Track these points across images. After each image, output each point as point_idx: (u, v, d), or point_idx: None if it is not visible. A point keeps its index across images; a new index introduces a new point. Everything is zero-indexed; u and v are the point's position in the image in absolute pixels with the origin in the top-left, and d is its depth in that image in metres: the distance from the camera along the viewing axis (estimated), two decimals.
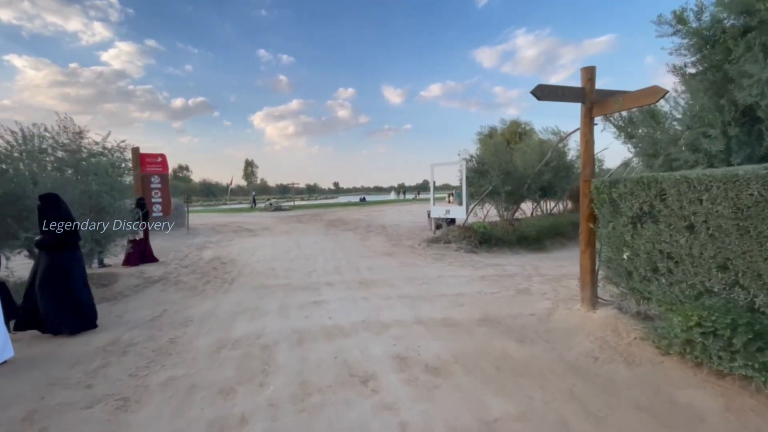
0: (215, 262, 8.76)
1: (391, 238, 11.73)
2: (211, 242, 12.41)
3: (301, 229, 15.76)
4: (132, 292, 6.23)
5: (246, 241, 12.25)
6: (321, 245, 10.81)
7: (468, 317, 4.53)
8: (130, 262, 8.37)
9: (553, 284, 5.96)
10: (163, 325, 4.75)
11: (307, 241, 11.65)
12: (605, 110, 4.15)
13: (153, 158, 13.84)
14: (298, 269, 7.64)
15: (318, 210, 30.29)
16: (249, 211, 30.53)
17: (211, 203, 56.01)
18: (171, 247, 11.38)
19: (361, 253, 9.23)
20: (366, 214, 24.01)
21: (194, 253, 10.15)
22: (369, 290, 5.93)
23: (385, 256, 8.81)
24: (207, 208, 40.67)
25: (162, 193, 13.91)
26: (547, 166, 11.98)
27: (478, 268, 7.31)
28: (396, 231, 13.80)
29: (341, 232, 14.27)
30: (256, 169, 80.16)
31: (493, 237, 9.44)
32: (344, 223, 18.14)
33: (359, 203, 39.02)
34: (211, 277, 7.20)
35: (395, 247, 9.94)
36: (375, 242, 11.11)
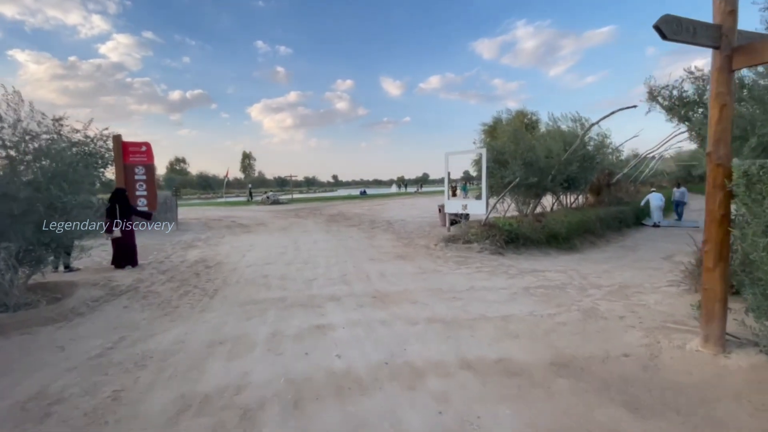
0: (199, 265, 7.40)
1: (401, 236, 10.39)
2: (199, 240, 11.04)
3: (300, 224, 14.40)
4: (88, 310, 4.87)
5: (238, 239, 10.88)
6: (322, 245, 9.46)
7: (534, 358, 3.20)
8: (115, 261, 7.08)
9: (623, 301, 4.64)
10: (112, 364, 3.40)
11: (307, 240, 10.30)
12: (756, 58, 2.76)
13: (137, 147, 12.40)
14: (296, 277, 6.30)
15: (317, 204, 28.90)
16: (246, 205, 29.11)
17: (208, 196, 54.53)
18: (154, 246, 10.00)
19: (370, 255, 7.89)
20: (368, 208, 22.65)
21: (178, 254, 8.78)
22: (386, 308, 4.60)
23: (398, 259, 7.47)
24: (203, 202, 39.21)
25: (147, 185, 12.48)
26: (574, 155, 10.62)
27: (513, 276, 5.98)
28: (404, 227, 12.46)
29: (344, 228, 12.91)
30: (253, 162, 78.47)
31: (521, 236, 8.11)
32: (346, 218, 16.78)
33: (360, 197, 37.64)
34: (191, 287, 5.84)
35: (408, 248, 8.60)
36: (383, 241, 9.76)
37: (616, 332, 3.68)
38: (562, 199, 13.31)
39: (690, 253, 9.09)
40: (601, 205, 14.01)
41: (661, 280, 5.94)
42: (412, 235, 10.60)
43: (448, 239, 8.73)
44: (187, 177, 71.47)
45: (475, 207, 9.60)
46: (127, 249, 7.15)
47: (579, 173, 11.19)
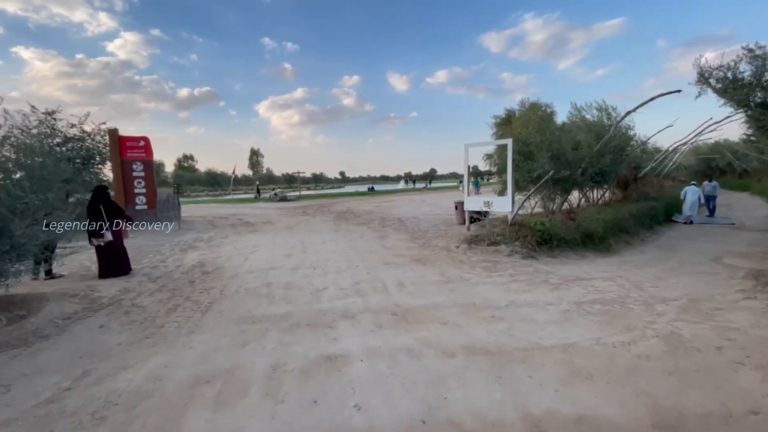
0: (196, 271, 6.61)
1: (415, 236, 9.50)
2: (201, 240, 10.27)
3: (307, 223, 13.58)
4: (55, 331, 4.08)
5: (242, 240, 10.09)
6: (331, 246, 8.61)
7: (626, 416, 2.31)
8: (103, 274, 6.25)
9: (707, 323, 3.71)
10: (63, 416, 2.58)
11: (314, 240, 9.46)
12: None
13: (134, 142, 11.66)
14: (303, 285, 5.45)
15: (325, 200, 28.10)
16: (253, 202, 28.44)
17: (216, 193, 54.13)
18: (151, 248, 9.26)
19: (384, 258, 7.03)
20: (377, 204, 21.79)
21: (175, 257, 8.01)
22: (411, 330, 3.74)
23: (417, 263, 6.59)
24: (211, 199, 38.72)
25: (146, 182, 11.75)
26: (606, 146, 9.62)
27: (557, 287, 5.07)
28: (417, 226, 11.57)
29: (353, 227, 12.06)
30: (261, 159, 77.95)
31: (554, 236, 7.17)
32: (355, 215, 15.93)
33: (368, 193, 36.79)
34: (182, 299, 5.04)
35: (425, 250, 7.71)
36: (396, 241, 8.88)
37: (723, 372, 2.77)
38: (588, 195, 12.31)
39: (740, 255, 8.10)
40: (629, 200, 12.98)
41: (729, 291, 4.99)
42: (428, 234, 9.70)
43: (470, 240, 7.82)
44: (195, 174, 71.21)
45: (499, 204, 8.66)
46: (114, 256, 6.34)
47: (611, 166, 10.19)
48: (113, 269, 6.27)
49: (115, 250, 6.31)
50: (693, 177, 26.72)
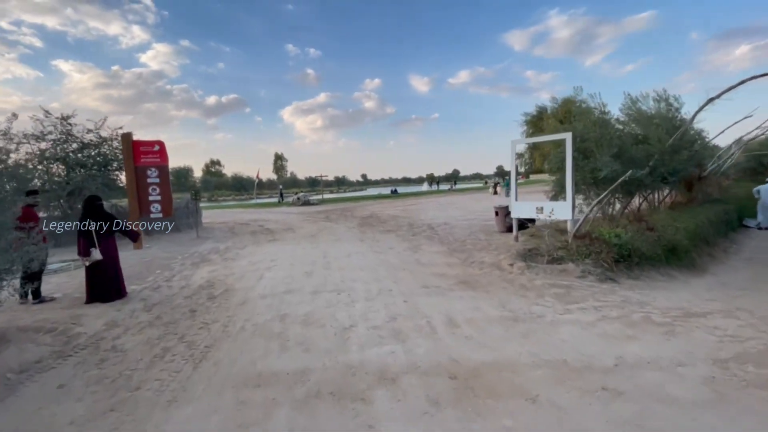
0: (202, 294, 5.54)
1: (453, 248, 8.17)
2: (216, 252, 9.31)
3: (330, 230, 12.47)
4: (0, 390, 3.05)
5: (260, 251, 9.06)
6: (357, 259, 7.41)
7: None
8: (90, 299, 5.28)
9: None
10: None
11: (338, 252, 8.29)
12: None
13: (149, 146, 10.87)
14: (325, 320, 4.26)
15: (348, 204, 27.08)
16: (276, 206, 27.77)
17: (242, 197, 54.37)
18: (162, 261, 8.34)
19: (422, 279, 5.76)
20: (402, 208, 20.53)
21: (184, 273, 7.02)
22: (487, 417, 2.43)
23: (465, 287, 5.28)
24: (237, 203, 38.56)
25: (161, 189, 10.94)
26: (681, 141, 8.02)
27: (671, 330, 3.63)
28: (451, 234, 10.23)
29: (380, 234, 10.84)
30: (285, 163, 78.14)
31: (634, 251, 5.70)
32: (380, 221, 14.72)
33: (391, 196, 35.58)
34: (175, 339, 3.94)
35: (470, 267, 6.38)
36: (432, 255, 7.58)
37: None
38: (649, 198, 10.63)
39: None
40: (693, 203, 11.19)
41: None
42: (467, 245, 8.35)
43: (523, 255, 6.44)
44: (222, 179, 72.15)
45: (555, 210, 7.23)
46: (105, 278, 5.34)
47: (685, 164, 8.56)
48: (103, 294, 5.27)
49: (105, 272, 5.31)
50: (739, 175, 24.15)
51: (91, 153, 12.23)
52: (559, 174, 8.05)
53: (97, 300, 5.24)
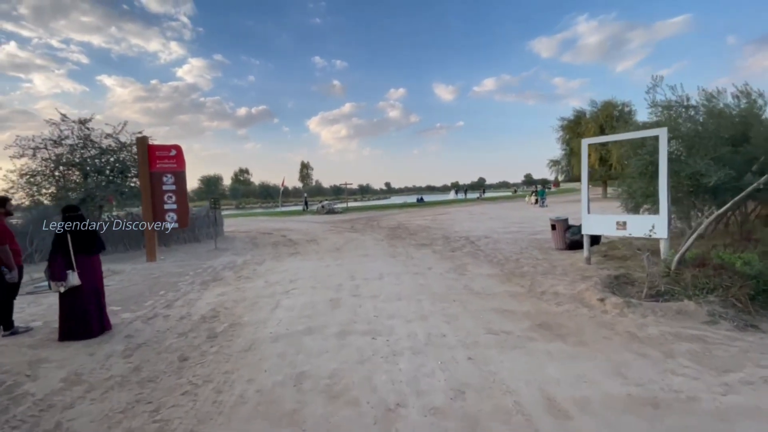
0: (200, 332, 4.33)
1: (507, 269, 6.68)
2: (231, 267, 8.20)
3: (357, 242, 11.20)
4: None
5: (279, 268, 7.87)
6: (391, 283, 6.06)
7: None
8: (63, 335, 4.17)
9: None
10: None
11: (368, 273, 6.97)
12: None
13: (165, 151, 9.99)
14: (358, 390, 2.90)
15: (373, 213, 25.87)
16: (300, 215, 26.92)
17: (269, 205, 54.43)
18: (169, 279, 7.28)
19: (484, 319, 4.32)
20: (431, 218, 19.08)
21: (189, 297, 5.88)
22: None
23: (547, 333, 3.81)
24: (263, 211, 38.21)
25: (177, 197, 10.02)
26: None
27: None
28: (497, 250, 8.71)
29: (413, 249, 9.46)
30: (311, 171, 78.20)
31: None
32: (410, 232, 13.35)
33: (417, 204, 34.15)
34: (144, 418, 2.70)
35: (543, 301, 4.87)
36: (485, 279, 6.12)
37: None
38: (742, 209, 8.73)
39: None
40: None
41: None
42: (524, 266, 6.84)
43: (608, 284, 4.90)
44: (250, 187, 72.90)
45: (643, 226, 5.62)
46: (81, 310, 4.19)
47: None
48: (79, 329, 4.13)
49: (83, 301, 4.18)
50: None
51: (109, 159, 11.57)
52: (640, 180, 6.43)
53: (70, 337, 4.11)
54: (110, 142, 11.53)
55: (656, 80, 7.30)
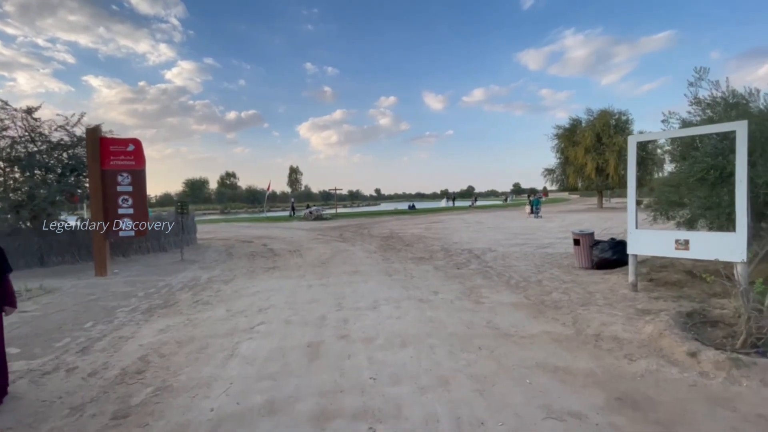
0: (109, 400, 2.81)
1: (532, 295, 5.32)
2: (193, 286, 6.66)
3: (346, 254, 9.75)
4: None
5: (249, 289, 6.36)
6: (391, 317, 4.63)
7: None
8: None
9: None
10: None
11: (359, 300, 5.53)
12: None
13: (121, 146, 8.40)
14: None
15: (363, 219, 24.43)
16: (287, 221, 25.29)
17: (255, 210, 52.46)
18: (107, 303, 5.71)
19: (533, 383, 2.94)
20: (425, 227, 17.74)
21: (118, 335, 4.33)
22: None
23: (634, 416, 2.44)
24: (249, 216, 36.38)
25: (134, 199, 8.42)
26: None
27: None
28: (510, 267, 7.38)
29: (411, 264, 8.06)
30: (300, 176, 76.32)
31: None
32: (405, 242, 11.95)
33: (409, 211, 32.83)
34: None
35: (604, 351, 3.50)
36: (508, 310, 4.74)
37: None
38: None
39: None
40: None
41: None
42: (551, 291, 5.50)
43: (686, 325, 3.58)
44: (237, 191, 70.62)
45: (712, 246, 4.33)
46: None
47: None
48: None
49: None
50: None
51: (61, 155, 9.89)
52: (699, 189, 5.16)
53: None
54: (62, 136, 9.85)
55: (700, 73, 6.10)
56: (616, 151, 24.60)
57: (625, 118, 25.84)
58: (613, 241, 6.76)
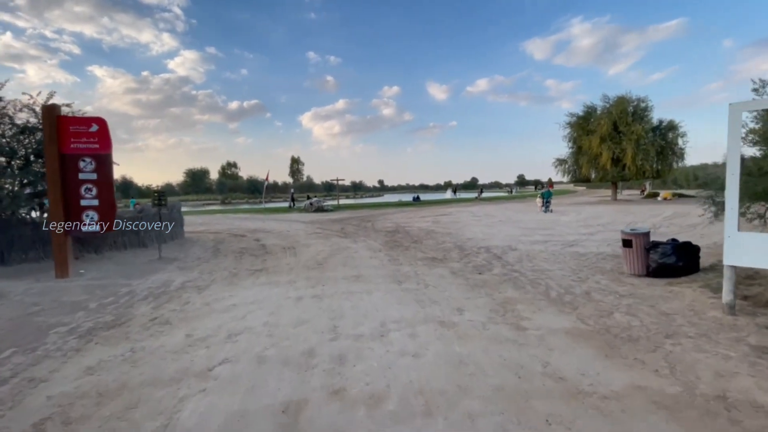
0: None
1: (587, 316, 4.01)
2: (160, 294, 5.40)
3: (346, 252, 8.46)
4: None
5: (223, 301, 5.08)
6: (404, 353, 3.35)
7: None
8: None
9: None
10: None
11: (361, 320, 4.25)
12: None
13: (83, 125, 7.06)
14: None
15: (366, 211, 23.12)
16: (286, 212, 24.03)
17: (255, 200, 51.30)
18: (40, 323, 4.46)
19: None
20: (432, 219, 16.43)
21: (27, 376, 3.08)
22: None
23: None
24: (249, 207, 35.17)
25: (99, 189, 7.12)
26: None
27: None
28: (539, 270, 6.07)
29: (423, 267, 6.77)
30: (302, 167, 74.80)
31: None
32: (413, 238, 10.66)
33: (413, 203, 31.48)
34: None
35: None
36: (566, 343, 3.45)
37: None
38: None
39: None
40: None
41: None
42: (610, 310, 4.20)
43: None
44: (238, 181, 69.39)
45: None
46: None
47: None
48: None
49: None
50: None
51: (27, 139, 8.57)
52: None
53: None
54: (28, 117, 8.54)
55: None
56: (633, 140, 22.99)
57: (644, 104, 24.15)
58: (675, 242, 5.43)
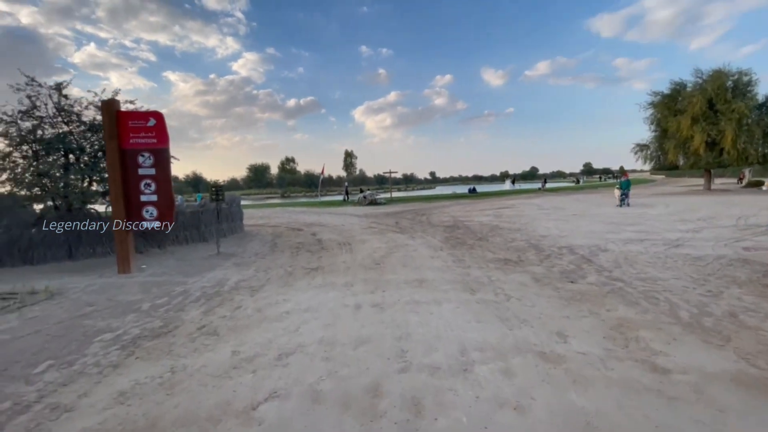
0: None
1: (766, 363, 2.80)
2: (209, 298, 5.01)
3: (404, 249, 7.64)
4: None
5: (277, 307, 4.52)
6: (505, 411, 2.44)
7: None
8: None
9: None
10: None
11: (437, 347, 3.39)
12: None
13: (141, 120, 6.95)
14: None
15: (419, 204, 22.14)
16: (341, 206, 23.90)
17: (312, 194, 52.70)
18: (88, 327, 4.21)
19: None
20: (494, 213, 15.02)
21: (47, 405, 2.68)
22: None
23: None
24: (306, 200, 35.99)
25: (158, 184, 7.01)
26: None
27: None
28: (649, 279, 4.72)
29: (496, 271, 5.73)
30: (354, 160, 75.44)
31: None
32: (475, 234, 9.54)
33: (469, 195, 29.84)
34: None
35: None
36: (743, 407, 2.32)
37: None
38: None
39: None
40: None
41: None
42: None
43: None
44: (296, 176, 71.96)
45: None
46: None
47: None
48: None
49: None
50: None
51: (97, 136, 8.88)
52: None
53: None
54: (95, 114, 8.81)
55: None
56: (735, 120, 19.24)
57: (747, 78, 20.13)
58: None
